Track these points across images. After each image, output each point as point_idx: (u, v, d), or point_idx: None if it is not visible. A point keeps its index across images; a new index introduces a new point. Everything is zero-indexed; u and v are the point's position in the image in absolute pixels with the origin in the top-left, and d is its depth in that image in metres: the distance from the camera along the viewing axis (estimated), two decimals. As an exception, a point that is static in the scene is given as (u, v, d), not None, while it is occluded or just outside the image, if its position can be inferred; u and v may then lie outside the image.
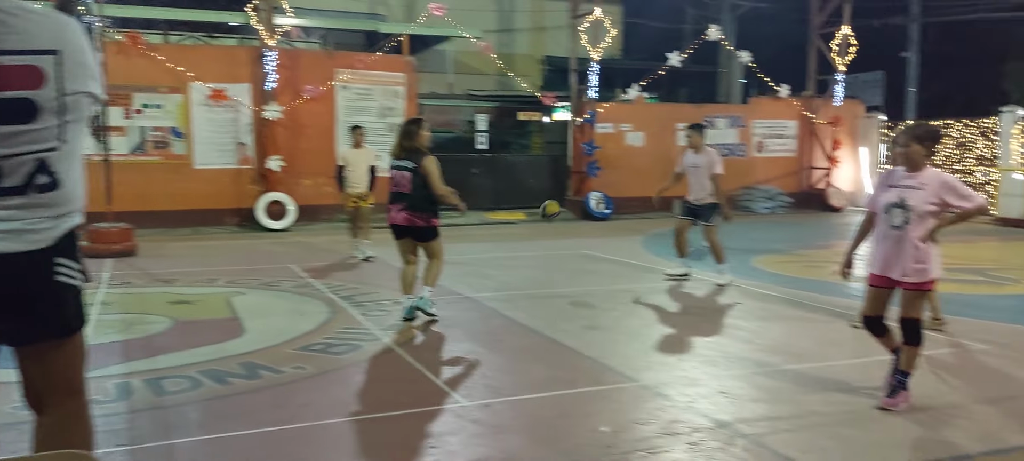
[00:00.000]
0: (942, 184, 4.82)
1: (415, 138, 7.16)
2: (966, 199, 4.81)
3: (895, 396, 4.97)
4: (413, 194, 7.07)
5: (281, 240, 14.03)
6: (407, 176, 7.09)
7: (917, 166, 4.89)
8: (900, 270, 4.85)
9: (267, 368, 5.79)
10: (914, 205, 4.79)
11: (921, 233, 4.78)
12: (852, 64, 21.37)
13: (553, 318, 7.56)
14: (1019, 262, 11.76)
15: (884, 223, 4.93)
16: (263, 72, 15.58)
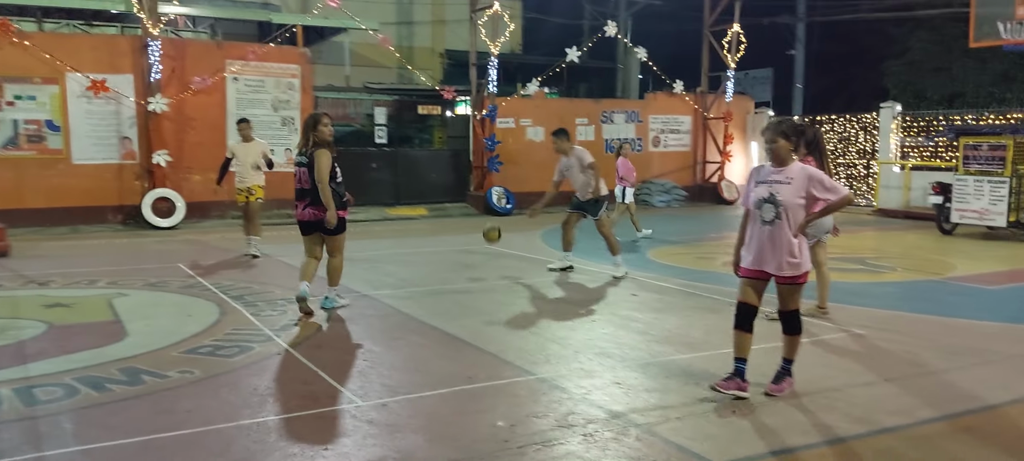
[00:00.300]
0: (808, 177, 4.95)
1: (314, 132, 7.18)
2: (831, 191, 4.96)
3: (780, 382, 5.15)
4: (313, 189, 7.15)
5: (169, 238, 13.47)
6: (305, 171, 7.17)
7: (784, 161, 5.01)
8: (774, 264, 4.95)
9: (150, 373, 5.53)
10: (784, 199, 4.89)
11: (792, 227, 4.89)
12: (742, 61, 22.11)
13: (453, 314, 7.51)
14: (897, 251, 12.41)
15: (756, 218, 5.01)
16: (147, 63, 14.91)
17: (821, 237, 7.29)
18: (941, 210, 14.48)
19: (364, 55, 24.92)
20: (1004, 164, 13.40)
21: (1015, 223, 13.34)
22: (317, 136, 7.20)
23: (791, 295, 5.06)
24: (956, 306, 8.15)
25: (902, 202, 18.53)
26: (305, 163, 7.18)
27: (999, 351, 6.28)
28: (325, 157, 7.11)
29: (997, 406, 4.99)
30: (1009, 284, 9.53)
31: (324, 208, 7.13)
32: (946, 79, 24.40)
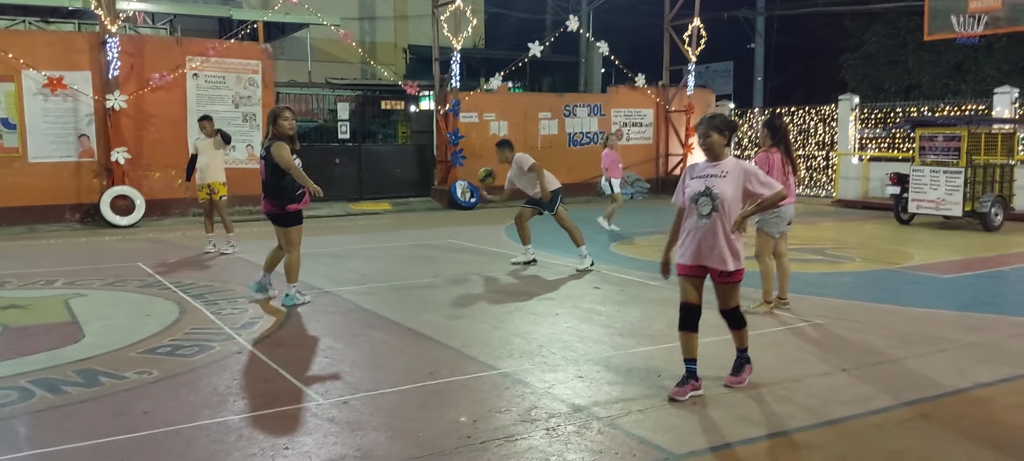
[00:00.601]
0: (744, 172, 4.91)
1: (273, 126, 7.35)
2: (766, 186, 4.93)
3: (740, 373, 5.21)
4: (266, 181, 7.39)
5: (129, 237, 13.26)
6: (263, 164, 7.40)
7: (718, 155, 4.97)
8: (713, 259, 4.89)
9: (108, 374, 5.45)
10: (720, 194, 4.84)
11: (729, 221, 4.84)
12: (703, 55, 22.30)
13: (416, 309, 7.49)
14: (855, 241, 12.62)
15: (693, 214, 4.93)
16: (105, 59, 14.65)
17: (783, 229, 7.38)
18: (898, 200, 14.75)
19: (326, 51, 24.72)
20: (959, 155, 13.68)
21: (970, 212, 13.63)
22: (276, 130, 7.33)
23: (730, 292, 5.03)
24: (912, 295, 8.31)
25: (860, 193, 18.85)
26: (264, 156, 7.35)
27: (954, 339, 6.42)
28: (282, 148, 7.21)
29: (953, 393, 5.10)
30: (964, 273, 9.74)
31: (275, 202, 7.37)
32: (902, 71, 24.86)
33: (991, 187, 13.98)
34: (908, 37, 24.01)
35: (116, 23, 14.79)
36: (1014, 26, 16.83)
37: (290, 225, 7.48)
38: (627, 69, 21.12)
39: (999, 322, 7.04)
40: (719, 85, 31.69)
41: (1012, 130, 14.89)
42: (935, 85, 23.66)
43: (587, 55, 29.07)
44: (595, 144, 20.81)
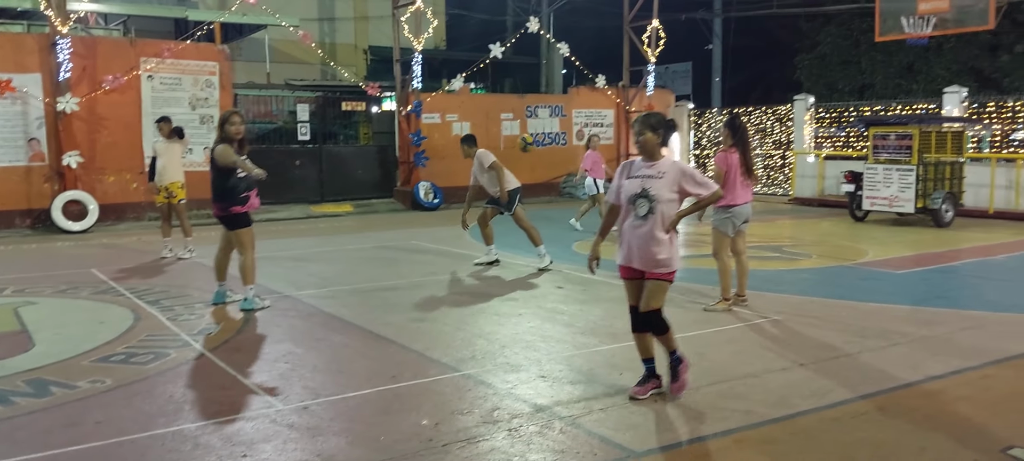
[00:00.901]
0: (680, 172, 4.83)
1: (222, 130, 7.40)
2: (702, 186, 4.84)
3: (678, 379, 4.96)
4: (212, 183, 7.45)
5: (82, 242, 12.99)
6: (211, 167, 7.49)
7: (654, 155, 4.89)
8: (643, 260, 4.81)
9: (59, 384, 5.32)
10: (656, 194, 4.76)
11: (664, 222, 4.76)
12: (662, 56, 22.46)
13: (377, 312, 7.44)
14: (812, 238, 12.81)
15: (629, 214, 4.87)
16: (56, 61, 14.32)
17: (740, 227, 7.46)
18: (853, 198, 15.02)
19: (285, 52, 24.47)
20: (911, 153, 13.96)
21: (922, 209, 13.92)
22: (223, 133, 7.38)
23: (656, 292, 4.84)
24: (867, 291, 8.46)
25: (817, 191, 19.15)
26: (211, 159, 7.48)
27: (908, 333, 6.55)
28: (225, 149, 7.28)
29: (907, 385, 5.20)
30: (916, 268, 9.94)
31: (219, 204, 7.45)
32: (855, 71, 25.32)
33: (942, 184, 14.30)
34: (861, 38, 24.45)
35: (67, 24, 14.47)
36: (961, 27, 17.23)
37: (238, 227, 7.48)
38: (588, 70, 21.22)
39: (950, 316, 7.20)
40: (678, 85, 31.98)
41: (961, 128, 15.24)
42: (887, 85, 24.14)
43: (548, 56, 29.15)
44: (558, 145, 20.88)
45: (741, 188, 7.31)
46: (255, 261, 7.66)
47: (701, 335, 6.50)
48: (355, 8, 26.90)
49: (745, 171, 7.30)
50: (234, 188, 7.34)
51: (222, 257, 7.79)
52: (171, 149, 10.84)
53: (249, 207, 7.49)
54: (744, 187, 7.34)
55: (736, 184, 7.29)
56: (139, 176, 15.41)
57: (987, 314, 7.25)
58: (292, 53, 24.45)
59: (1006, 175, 15.79)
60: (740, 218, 7.38)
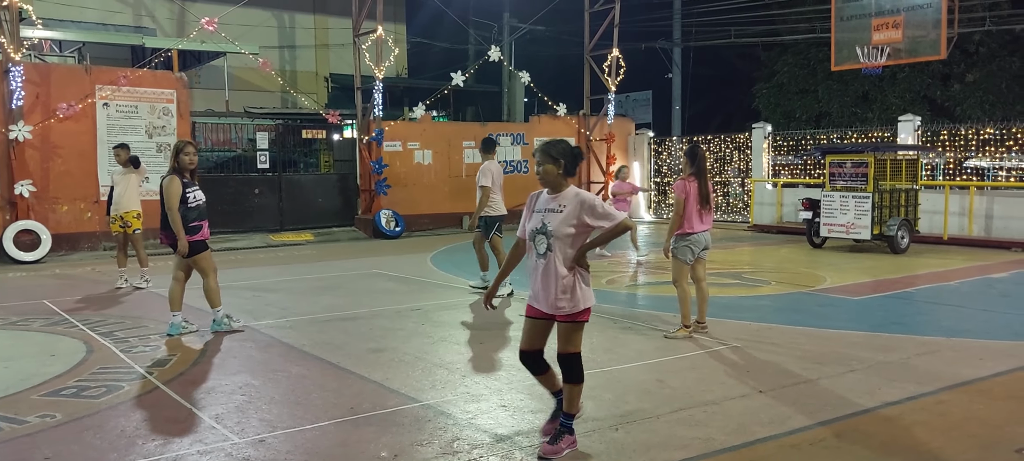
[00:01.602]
0: (580, 204, 4.40)
1: (176, 160, 7.47)
2: (605, 218, 4.38)
3: (558, 442, 4.49)
4: (162, 213, 7.45)
5: (34, 273, 12.68)
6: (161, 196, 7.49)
7: (557, 187, 4.51)
8: (547, 301, 4.45)
9: (7, 419, 5.16)
10: (554, 230, 4.39)
11: (564, 260, 4.39)
12: (623, 84, 22.72)
13: (337, 343, 7.35)
14: (771, 265, 12.96)
15: (532, 252, 4.54)
16: (8, 89, 14.06)
17: (700, 254, 7.52)
18: (811, 225, 15.25)
19: (245, 79, 24.29)
20: (867, 180, 14.24)
21: (879, 235, 14.17)
22: (177, 163, 7.45)
23: (568, 335, 4.46)
24: (825, 317, 8.56)
25: (775, 218, 19.42)
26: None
27: (865, 359, 6.63)
28: (172, 184, 7.33)
29: (864, 412, 5.26)
30: (873, 294, 10.09)
31: (167, 234, 7.45)
32: (812, 100, 25.83)
33: (897, 211, 14.59)
34: (817, 67, 24.98)
35: (20, 51, 14.22)
36: (914, 57, 17.71)
37: (195, 254, 7.50)
38: (549, 98, 21.38)
39: (907, 341, 7.31)
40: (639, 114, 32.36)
41: (916, 156, 15.59)
42: (843, 113, 24.66)
43: (510, 85, 29.32)
44: (520, 172, 20.95)
45: (697, 216, 7.37)
46: (218, 285, 7.72)
47: (661, 362, 6.52)
48: (316, 36, 26.85)
49: (702, 199, 7.37)
50: (183, 218, 7.36)
51: (176, 288, 7.70)
52: (128, 178, 10.67)
53: (200, 236, 7.50)
54: (702, 215, 7.40)
55: (693, 212, 7.35)
56: (93, 205, 15.16)
57: (942, 339, 7.38)
58: (252, 80, 24.29)
59: (959, 202, 16.16)
60: (699, 246, 7.44)
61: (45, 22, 16.24)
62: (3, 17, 14.01)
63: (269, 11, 25.24)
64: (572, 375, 4.49)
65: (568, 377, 4.50)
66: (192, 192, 7.46)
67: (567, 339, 4.47)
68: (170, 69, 16.51)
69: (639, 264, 13.13)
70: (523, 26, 28.87)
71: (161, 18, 23.66)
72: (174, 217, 7.29)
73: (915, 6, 16.99)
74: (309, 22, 26.74)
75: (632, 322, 8.19)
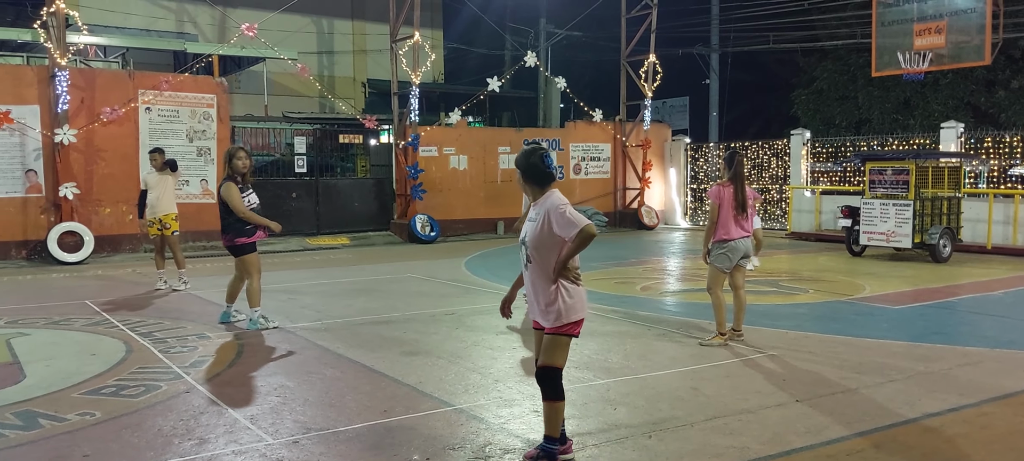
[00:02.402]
0: (548, 212, 4.20)
1: (229, 166, 7.92)
2: (569, 226, 4.11)
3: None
4: (221, 217, 7.96)
5: (76, 273, 12.95)
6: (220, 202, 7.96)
7: (535, 195, 4.36)
8: (537, 311, 4.36)
9: (48, 416, 5.26)
10: (529, 241, 4.28)
11: (545, 271, 4.25)
12: (660, 90, 22.61)
13: (371, 346, 7.39)
14: (809, 273, 12.79)
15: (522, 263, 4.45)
16: (54, 93, 14.38)
17: (739, 262, 7.44)
18: (850, 233, 15.01)
19: (284, 84, 24.60)
20: (908, 188, 13.99)
21: (920, 244, 13.91)
22: (231, 169, 7.88)
23: (551, 347, 4.29)
24: (864, 326, 8.42)
25: (813, 225, 19.16)
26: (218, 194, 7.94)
27: (905, 369, 6.50)
28: (230, 190, 7.79)
29: (904, 423, 5.15)
30: (914, 304, 9.90)
31: (227, 235, 7.93)
32: (852, 107, 25.46)
33: (939, 219, 14.31)
34: (858, 73, 24.63)
35: (66, 57, 14.55)
36: (957, 63, 17.38)
37: (244, 254, 7.98)
38: (585, 104, 21.34)
39: (948, 352, 7.16)
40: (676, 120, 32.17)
41: (958, 164, 15.28)
42: (884, 120, 24.26)
43: (545, 90, 29.32)
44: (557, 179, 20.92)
45: (733, 222, 7.29)
46: (260, 286, 8.16)
47: (696, 369, 6.45)
48: (354, 42, 27.10)
49: (738, 206, 7.29)
50: (238, 220, 7.83)
51: (235, 284, 8.34)
52: (164, 181, 10.81)
53: (256, 238, 8.05)
54: (740, 222, 7.32)
55: (728, 218, 7.27)
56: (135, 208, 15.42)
57: (985, 350, 7.21)
58: (290, 86, 24.59)
59: (1004, 210, 15.81)
60: (737, 253, 7.35)
61: (91, 28, 16.60)
62: (50, 23, 14.34)
63: (308, 17, 25.54)
64: (548, 391, 4.28)
65: (545, 393, 4.30)
66: (247, 195, 7.89)
67: (547, 352, 4.30)
68: (211, 74, 16.79)
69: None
70: (560, 32, 28.86)
71: (203, 24, 24.06)
72: (248, 214, 7.81)
73: (958, 11, 16.68)
74: (347, 28, 27.01)
75: (666, 328, 8.13)
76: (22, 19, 18.44)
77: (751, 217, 7.44)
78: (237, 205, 7.76)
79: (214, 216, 15.99)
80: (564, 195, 4.40)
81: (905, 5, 17.54)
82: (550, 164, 4.34)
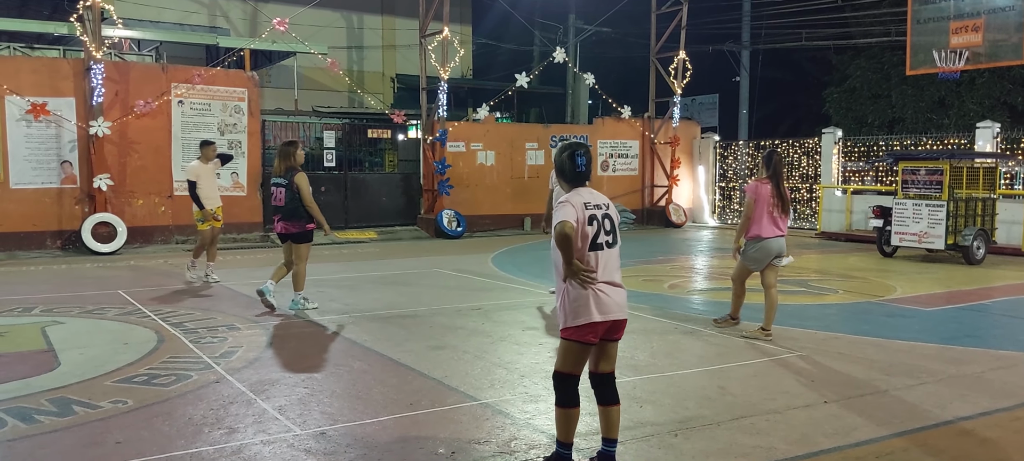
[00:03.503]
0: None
1: (290, 158, 8.50)
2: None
3: None
4: (285, 205, 8.45)
5: (109, 264, 13.15)
6: (281, 191, 8.44)
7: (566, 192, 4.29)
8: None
9: (82, 403, 5.36)
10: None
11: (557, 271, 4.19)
12: (689, 87, 22.46)
13: (398, 339, 7.43)
14: (839, 273, 12.65)
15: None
16: (90, 86, 14.61)
17: (773, 262, 7.39)
18: (881, 233, 14.82)
19: (314, 79, 24.77)
20: (941, 188, 13.78)
21: (953, 246, 13.70)
22: (296, 161, 8.53)
23: (559, 349, 4.24)
24: (895, 327, 8.31)
25: (844, 225, 18.94)
26: (281, 183, 8.44)
27: (936, 371, 6.42)
28: (304, 180, 8.48)
29: (935, 425, 5.09)
30: (946, 306, 9.76)
31: (295, 223, 8.48)
32: (885, 105, 25.12)
33: (973, 221, 14.08)
34: (891, 71, 24.29)
35: (101, 50, 14.77)
36: (994, 62, 17.08)
37: (304, 242, 8.62)
38: (613, 100, 21.26)
39: (980, 355, 7.05)
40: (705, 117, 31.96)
41: (994, 164, 15.03)
42: (918, 119, 23.92)
43: (574, 86, 29.24)
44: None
45: (769, 220, 7.24)
46: (306, 270, 8.82)
47: (723, 368, 6.42)
48: (383, 37, 27.21)
49: (780, 204, 7.23)
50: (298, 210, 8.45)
51: (287, 270, 8.77)
52: (212, 173, 10.83)
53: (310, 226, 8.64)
54: (777, 221, 7.27)
55: (763, 215, 7.22)
56: (167, 200, 15.65)
57: (1019, 354, 7.09)
58: (320, 80, 24.75)
59: (1039, 212, 15.52)
60: (771, 253, 7.31)
61: (125, 22, 16.80)
62: (87, 17, 14.56)
63: (338, 12, 25.69)
64: (555, 393, 4.22)
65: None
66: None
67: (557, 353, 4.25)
68: (242, 68, 16.94)
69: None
70: (589, 28, 28.77)
71: (235, 18, 24.29)
72: (314, 206, 8.46)
73: (996, 8, 16.39)
74: (377, 23, 27.13)
75: (694, 327, 8.09)
76: (59, 13, 18.77)
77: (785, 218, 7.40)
78: (310, 196, 8.41)
79: (243, 209, 16.31)
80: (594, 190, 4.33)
81: (941, 3, 17.28)
82: (579, 164, 4.23)
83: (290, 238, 8.59)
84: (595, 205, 4.16)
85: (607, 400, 4.26)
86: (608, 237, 4.16)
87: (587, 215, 4.10)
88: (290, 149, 8.59)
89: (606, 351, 4.25)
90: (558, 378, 4.17)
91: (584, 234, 4.08)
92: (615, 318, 4.15)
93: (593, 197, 4.20)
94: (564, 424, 4.17)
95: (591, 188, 4.26)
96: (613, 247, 4.20)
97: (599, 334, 4.12)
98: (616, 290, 4.17)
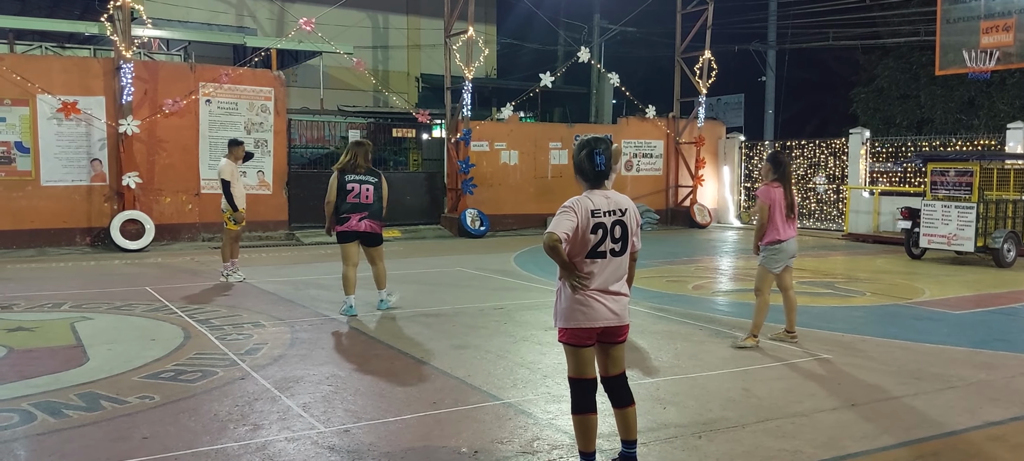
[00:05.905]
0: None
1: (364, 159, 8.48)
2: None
3: None
4: (374, 204, 8.46)
5: (137, 261, 13.31)
6: (370, 189, 8.42)
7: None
8: None
9: (110, 399, 5.43)
10: None
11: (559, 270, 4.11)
12: (714, 87, 22.33)
13: (421, 338, 7.45)
14: (866, 275, 12.51)
15: None
16: (119, 85, 14.79)
17: (788, 263, 7.34)
18: (910, 235, 14.64)
19: (339, 78, 24.92)
20: (971, 190, 13.59)
21: (983, 248, 13.51)
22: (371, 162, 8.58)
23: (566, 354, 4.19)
24: (923, 331, 8.21)
25: (871, 227, 18.73)
26: (369, 181, 8.43)
27: (965, 376, 6.33)
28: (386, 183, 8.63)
29: (961, 431, 5.01)
30: (975, 309, 9.62)
31: (379, 223, 8.58)
32: (914, 106, 24.81)
33: (1004, 223, 13.87)
34: (920, 72, 23.99)
35: (131, 49, 14.95)
36: (1026, 62, 16.80)
37: (382, 243, 8.76)
38: (638, 100, 21.18)
39: (1011, 360, 6.94)
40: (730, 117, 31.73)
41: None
42: (947, 120, 23.59)
43: (598, 86, 29.18)
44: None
45: (784, 224, 7.20)
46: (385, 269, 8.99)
47: (748, 371, 6.37)
48: (408, 36, 27.32)
49: (788, 207, 7.19)
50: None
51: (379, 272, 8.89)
52: (238, 173, 10.91)
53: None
54: (788, 223, 7.23)
55: (778, 218, 7.18)
56: (194, 198, 15.81)
57: (1050, 358, 6.98)
58: (346, 80, 24.90)
59: (1072, 215, 15.24)
60: (788, 254, 7.26)
61: (154, 22, 17.01)
62: (116, 17, 14.75)
63: (364, 12, 25.81)
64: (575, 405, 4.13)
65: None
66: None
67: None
68: (269, 68, 17.07)
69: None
70: (613, 27, 28.68)
71: (262, 18, 24.50)
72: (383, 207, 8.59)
73: (1029, 8, 16.12)
74: (402, 23, 27.23)
75: (718, 328, 8.04)
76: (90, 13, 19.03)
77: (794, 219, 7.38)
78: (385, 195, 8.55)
79: (268, 207, 16.44)
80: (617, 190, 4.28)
81: (972, 2, 17.03)
82: (598, 163, 4.07)
83: (371, 238, 8.55)
84: (605, 212, 4.00)
85: (621, 402, 4.21)
86: (615, 245, 4.02)
87: (593, 223, 3.96)
88: (370, 147, 8.72)
89: (610, 355, 4.20)
90: (570, 383, 4.14)
91: (585, 242, 3.97)
92: (603, 325, 4.04)
93: (606, 203, 4.04)
94: (581, 432, 4.08)
95: (610, 189, 4.16)
96: (619, 255, 4.06)
97: (593, 337, 4.06)
98: (611, 297, 4.05)
